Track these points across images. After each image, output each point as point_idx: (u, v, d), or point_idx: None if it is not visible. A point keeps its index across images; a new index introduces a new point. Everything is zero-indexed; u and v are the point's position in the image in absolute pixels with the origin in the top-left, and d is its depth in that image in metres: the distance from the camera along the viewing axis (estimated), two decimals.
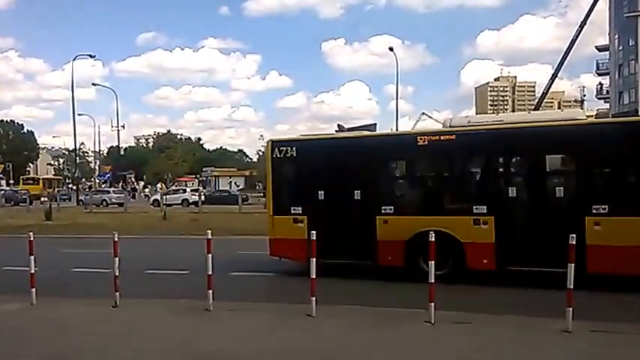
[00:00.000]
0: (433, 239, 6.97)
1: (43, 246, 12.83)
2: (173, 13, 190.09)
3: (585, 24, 67.19)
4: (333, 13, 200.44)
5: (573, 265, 6.39)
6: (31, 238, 8.33)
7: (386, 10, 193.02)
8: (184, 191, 44.53)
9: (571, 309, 6.31)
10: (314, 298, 7.16)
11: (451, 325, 6.80)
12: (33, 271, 8.20)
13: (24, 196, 45.36)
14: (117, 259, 7.99)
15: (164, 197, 37.08)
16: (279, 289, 9.69)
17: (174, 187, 52.38)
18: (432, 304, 6.78)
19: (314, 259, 7.20)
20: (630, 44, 56.43)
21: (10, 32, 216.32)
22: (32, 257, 8.24)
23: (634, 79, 55.95)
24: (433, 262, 6.89)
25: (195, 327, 7.06)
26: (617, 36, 59.30)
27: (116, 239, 8.10)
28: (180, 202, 40.22)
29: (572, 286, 6.33)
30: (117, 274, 7.97)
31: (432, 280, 6.82)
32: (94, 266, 11.48)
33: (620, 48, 58.80)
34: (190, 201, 40.37)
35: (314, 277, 7.14)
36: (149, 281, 10.70)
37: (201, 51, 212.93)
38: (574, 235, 6.56)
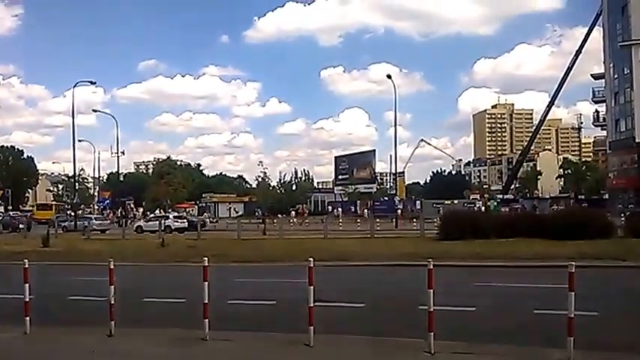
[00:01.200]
0: None
1: (39, 273, 12.72)
2: (174, 41, 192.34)
3: (580, 52, 68.35)
4: (332, 41, 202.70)
5: (574, 293, 6.31)
6: (26, 266, 8.26)
7: (384, 38, 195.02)
8: (167, 218, 44.26)
9: (572, 339, 6.21)
10: (312, 327, 7.05)
11: (451, 355, 6.69)
12: (27, 299, 8.10)
13: (20, 223, 45.13)
14: (112, 287, 7.90)
15: (161, 222, 37.06)
16: (277, 318, 9.54)
17: (155, 214, 52.16)
18: (432, 333, 6.67)
19: (311, 287, 7.10)
20: (625, 72, 56.95)
21: (13, 59, 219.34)
22: (27, 285, 8.16)
23: (630, 106, 56.30)
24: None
25: (190, 357, 6.95)
26: (612, 64, 59.87)
27: (112, 267, 8.03)
28: (163, 228, 39.80)
29: (573, 315, 6.24)
30: (112, 302, 7.87)
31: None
32: (90, 294, 11.35)
33: (616, 76, 59.32)
34: (173, 228, 40.05)
35: (312, 305, 7.05)
36: (145, 309, 10.56)
37: (201, 78, 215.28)
38: (573, 263, 6.50)
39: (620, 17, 57.50)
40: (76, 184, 59.27)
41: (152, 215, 50.77)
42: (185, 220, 43.37)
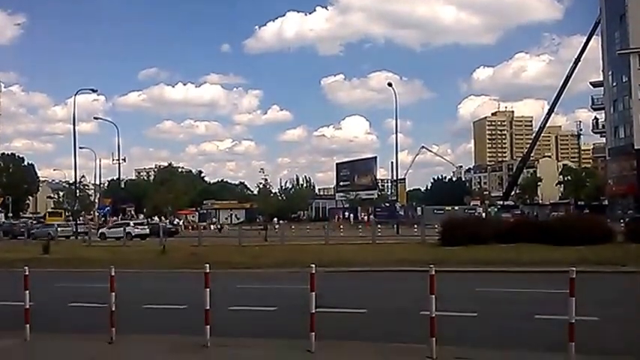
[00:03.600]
0: None
1: (40, 280, 12.74)
2: (175, 49, 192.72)
3: (579, 60, 68.67)
4: (332, 50, 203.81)
5: (574, 299, 6.31)
6: (26, 273, 8.26)
7: (384, 47, 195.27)
8: (127, 224, 44.51)
9: (573, 344, 6.20)
10: (313, 334, 7.05)
11: None
12: (27, 306, 8.09)
13: (22, 229, 45.19)
14: (113, 293, 7.89)
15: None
16: (278, 324, 9.53)
17: (118, 221, 52.48)
18: (434, 339, 6.67)
19: (313, 293, 7.10)
20: (624, 80, 57.20)
21: (14, 67, 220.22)
22: (27, 292, 8.15)
23: (629, 114, 56.47)
24: None
25: None
26: (610, 72, 60.18)
27: (113, 274, 8.03)
28: (123, 235, 40.04)
29: (573, 321, 6.23)
30: (113, 309, 7.86)
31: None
32: (91, 301, 11.31)
33: (614, 84, 59.58)
34: (133, 234, 40.08)
35: (313, 311, 7.05)
36: (146, 316, 10.55)
37: (203, 86, 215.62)
38: (574, 268, 6.50)
39: (618, 26, 57.83)
40: (77, 191, 59.27)
41: (115, 222, 51.27)
42: (146, 227, 44.34)
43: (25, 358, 7.43)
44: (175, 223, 55.54)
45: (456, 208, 60.70)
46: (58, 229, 44.35)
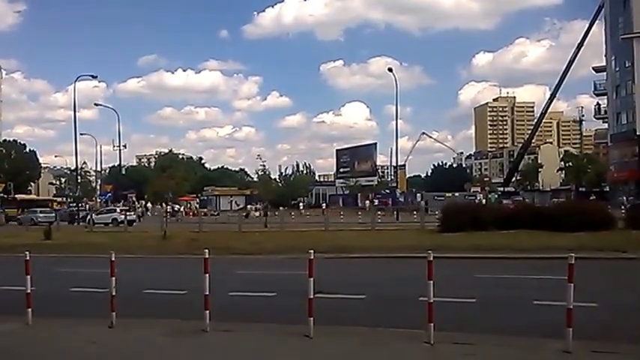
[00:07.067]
0: None
1: (42, 265, 12.81)
2: (173, 36, 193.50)
3: (582, 45, 68.23)
4: (332, 36, 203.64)
5: (573, 285, 6.33)
6: (27, 258, 8.30)
7: (384, 33, 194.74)
8: (114, 210, 45.14)
9: (571, 329, 6.24)
10: (312, 319, 7.08)
11: (451, 345, 6.72)
12: (29, 291, 8.14)
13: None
14: (113, 278, 7.93)
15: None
16: (277, 310, 9.58)
17: (106, 207, 52.68)
18: (432, 324, 6.70)
19: (311, 279, 7.14)
20: (627, 65, 56.94)
21: (15, 54, 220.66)
22: (28, 276, 8.20)
23: (631, 99, 56.27)
24: None
25: (191, 348, 6.99)
26: (613, 57, 59.89)
27: (113, 259, 8.07)
28: (110, 221, 41.03)
29: (571, 306, 6.26)
30: (113, 293, 7.91)
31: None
32: (92, 286, 11.39)
33: (617, 69, 59.29)
34: (119, 220, 40.42)
35: (311, 296, 7.08)
36: (146, 301, 10.60)
37: (202, 72, 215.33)
38: (573, 254, 6.51)
39: (622, 10, 57.48)
40: (78, 177, 59.37)
41: (103, 208, 51.85)
42: (132, 213, 46.23)
43: (27, 342, 7.48)
44: (176, 209, 55.47)
45: (456, 194, 60.64)
46: (40, 214, 45.05)
